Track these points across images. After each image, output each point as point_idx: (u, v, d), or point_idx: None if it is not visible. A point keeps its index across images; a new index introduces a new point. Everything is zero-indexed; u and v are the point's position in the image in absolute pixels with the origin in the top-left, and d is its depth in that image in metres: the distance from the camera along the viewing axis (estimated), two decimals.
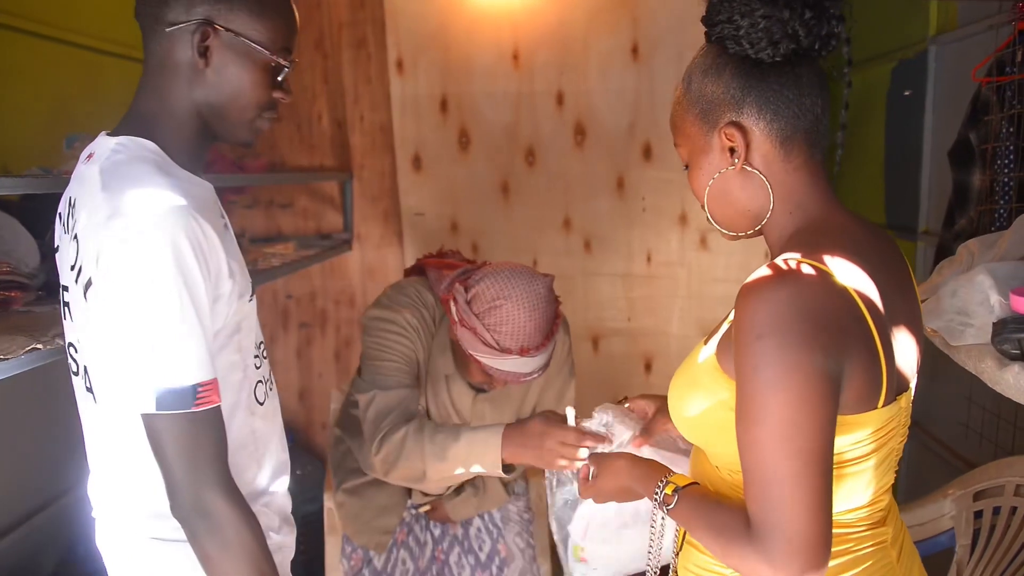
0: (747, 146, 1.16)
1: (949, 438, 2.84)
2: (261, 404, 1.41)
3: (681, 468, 1.45)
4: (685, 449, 1.64)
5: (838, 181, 4.00)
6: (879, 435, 1.12)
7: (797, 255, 1.08)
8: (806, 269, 1.05)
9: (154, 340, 1.15)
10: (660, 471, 1.32)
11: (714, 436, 1.19)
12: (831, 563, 1.10)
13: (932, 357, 3.00)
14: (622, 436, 1.67)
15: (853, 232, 1.16)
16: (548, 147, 3.50)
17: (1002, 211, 2.29)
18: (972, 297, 1.39)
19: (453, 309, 1.99)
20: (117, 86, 3.00)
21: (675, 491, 1.24)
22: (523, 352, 1.93)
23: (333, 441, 2.51)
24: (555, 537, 1.79)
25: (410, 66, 3.47)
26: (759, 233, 1.23)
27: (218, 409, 1.20)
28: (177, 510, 1.20)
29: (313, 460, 3.74)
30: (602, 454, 1.54)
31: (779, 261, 1.08)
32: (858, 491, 1.16)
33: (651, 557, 1.41)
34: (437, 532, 2.45)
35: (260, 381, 1.41)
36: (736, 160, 1.16)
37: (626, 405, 1.74)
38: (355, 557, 2.44)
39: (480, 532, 2.46)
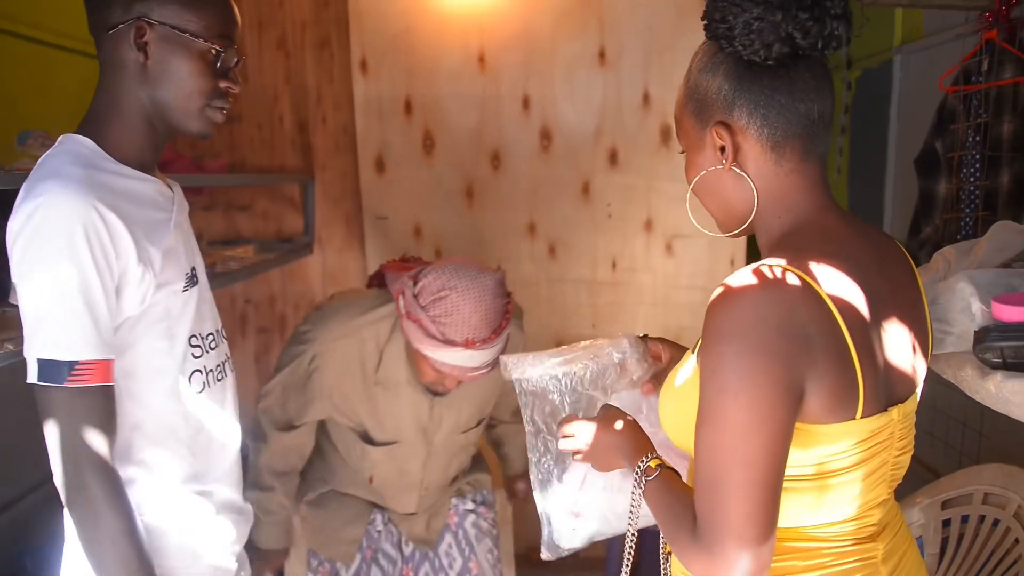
0: (736, 147, 1.14)
1: (915, 447, 2.86)
2: (199, 393, 1.46)
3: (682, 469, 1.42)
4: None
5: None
6: (865, 447, 1.10)
7: (780, 260, 1.06)
8: (782, 276, 1.04)
9: (40, 314, 1.23)
10: (650, 447, 1.30)
11: None
12: (812, 574, 1.11)
13: None
14: (634, 372, 1.57)
15: (846, 238, 1.14)
16: (513, 151, 3.47)
17: (968, 219, 2.31)
18: (953, 305, 1.38)
19: (401, 303, 2.01)
20: (70, 82, 2.92)
21: (658, 467, 1.24)
22: (469, 344, 1.92)
23: None
24: (540, 506, 1.67)
25: (374, 67, 3.42)
26: (746, 232, 1.21)
27: (101, 389, 1.26)
28: (56, 480, 1.27)
29: None
30: (610, 405, 1.47)
31: (757, 266, 1.06)
32: (843, 503, 1.13)
33: (631, 521, 1.36)
34: (408, 550, 2.40)
35: (198, 371, 1.46)
36: (725, 160, 1.15)
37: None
38: (322, 571, 2.39)
39: (451, 549, 2.41)
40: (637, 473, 1.26)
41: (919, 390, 1.22)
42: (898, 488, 1.25)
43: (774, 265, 1.05)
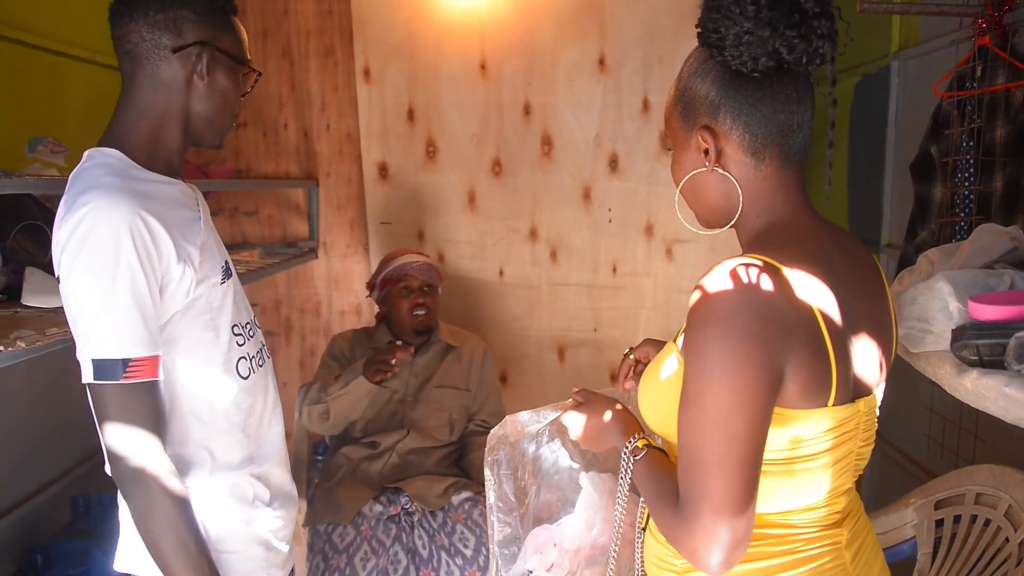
0: (719, 151, 1.20)
1: (911, 448, 2.87)
2: (245, 378, 1.55)
3: None
4: None
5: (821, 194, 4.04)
6: (834, 434, 1.14)
7: (760, 255, 1.11)
8: (762, 268, 1.09)
9: (92, 316, 1.29)
10: (639, 428, 1.36)
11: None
12: (776, 561, 1.17)
13: (892, 368, 3.04)
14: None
15: (820, 238, 1.20)
16: (515, 157, 3.50)
17: (963, 223, 2.32)
18: (932, 304, 1.40)
19: (374, 293, 2.97)
20: (80, 90, 2.97)
21: (646, 447, 1.29)
22: (401, 253, 2.97)
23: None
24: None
25: (377, 75, 3.46)
26: (728, 227, 1.26)
27: (152, 384, 1.34)
28: (114, 473, 1.35)
29: None
30: (595, 391, 1.54)
31: (738, 261, 1.11)
32: (811, 489, 1.17)
33: (619, 501, 1.41)
34: (425, 552, 2.47)
35: (243, 357, 1.55)
36: (708, 163, 1.20)
37: (631, 357, 1.69)
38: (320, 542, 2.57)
39: (464, 533, 2.55)
40: (625, 453, 1.31)
41: (883, 386, 1.27)
42: (892, 488, 1.29)
43: (754, 259, 1.10)
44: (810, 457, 1.14)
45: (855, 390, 1.17)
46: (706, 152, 1.20)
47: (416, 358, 2.91)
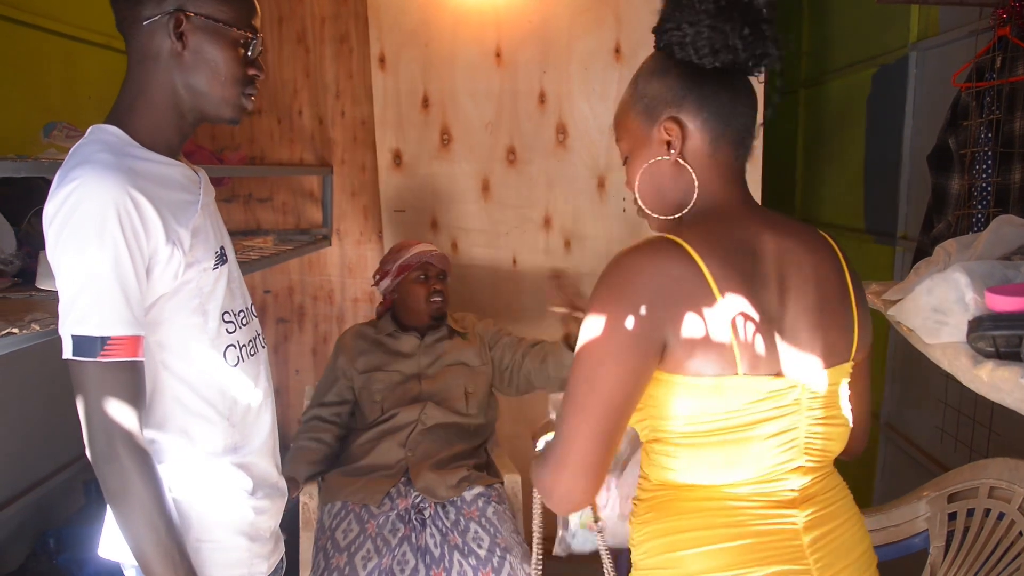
0: (683, 140, 1.29)
1: (924, 441, 2.86)
2: (234, 367, 1.52)
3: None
4: None
5: (818, 187, 4.03)
6: (762, 408, 1.20)
7: (667, 234, 1.22)
8: (662, 243, 1.19)
9: (74, 293, 1.28)
10: None
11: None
12: (721, 531, 1.23)
13: (906, 362, 3.04)
14: None
15: (751, 225, 1.27)
16: (529, 146, 3.50)
17: (980, 215, 2.31)
18: (948, 295, 1.39)
19: (383, 283, 3.00)
20: (95, 75, 2.98)
21: None
22: (411, 244, 3.02)
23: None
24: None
25: (392, 62, 3.46)
26: (670, 217, 1.34)
27: (131, 364, 1.32)
28: (89, 451, 1.32)
29: None
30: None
31: (648, 238, 1.23)
32: (747, 460, 1.21)
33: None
34: (437, 552, 2.45)
35: (231, 345, 1.53)
36: (672, 152, 1.29)
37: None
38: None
39: (478, 533, 2.49)
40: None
41: (848, 363, 1.30)
42: (905, 482, 1.30)
43: (659, 237, 1.21)
44: (736, 429, 1.20)
45: (789, 366, 1.22)
46: (668, 145, 1.29)
47: (425, 339, 2.94)
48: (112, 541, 1.46)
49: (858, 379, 1.37)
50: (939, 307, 1.42)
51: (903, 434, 3.00)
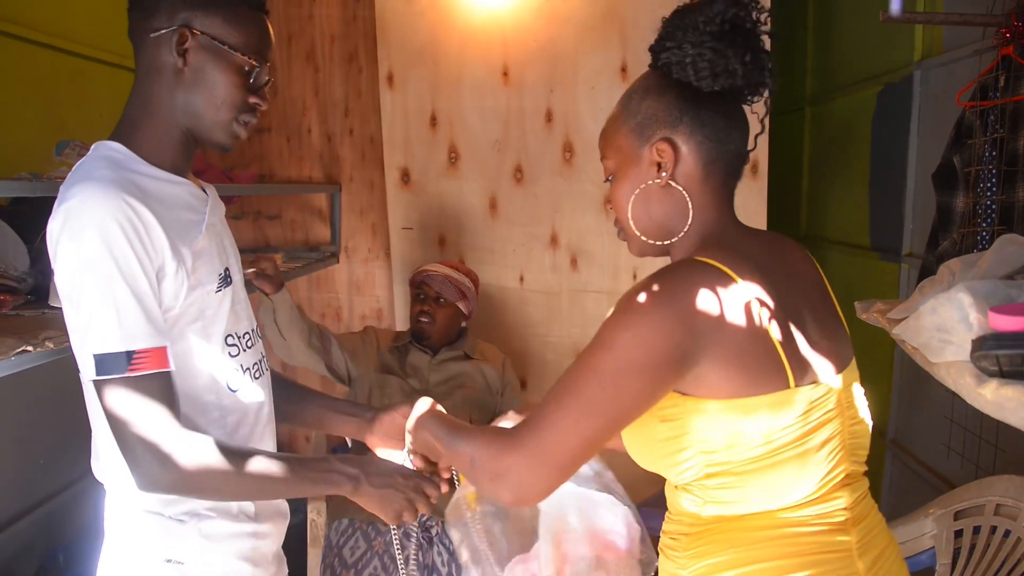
0: (675, 163, 1.27)
1: (930, 458, 2.86)
2: (234, 391, 1.48)
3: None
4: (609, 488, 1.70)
5: (824, 204, 4.04)
6: (809, 418, 1.18)
7: (701, 256, 1.20)
8: (694, 265, 1.18)
9: (90, 310, 1.23)
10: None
11: (652, 449, 1.25)
12: (782, 561, 1.19)
13: (913, 379, 3.04)
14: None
15: (752, 245, 1.28)
16: (536, 164, 3.51)
17: (984, 233, 2.32)
18: (951, 314, 1.40)
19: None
20: (106, 94, 3.01)
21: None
22: (440, 264, 3.03)
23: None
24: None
25: (400, 80, 3.49)
26: (665, 251, 1.34)
27: (162, 375, 1.27)
28: (137, 474, 1.26)
29: None
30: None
31: (677, 261, 1.24)
32: (801, 477, 1.20)
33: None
34: (443, 555, 2.46)
35: (235, 369, 1.48)
36: (663, 174, 1.27)
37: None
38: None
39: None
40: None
41: (852, 363, 1.31)
42: (911, 499, 1.31)
43: (691, 259, 1.20)
44: (797, 441, 1.18)
45: (821, 371, 1.22)
46: (658, 166, 1.27)
47: (436, 357, 2.97)
48: (112, 561, 1.45)
49: None
50: (943, 326, 1.42)
51: (909, 451, 3.00)
